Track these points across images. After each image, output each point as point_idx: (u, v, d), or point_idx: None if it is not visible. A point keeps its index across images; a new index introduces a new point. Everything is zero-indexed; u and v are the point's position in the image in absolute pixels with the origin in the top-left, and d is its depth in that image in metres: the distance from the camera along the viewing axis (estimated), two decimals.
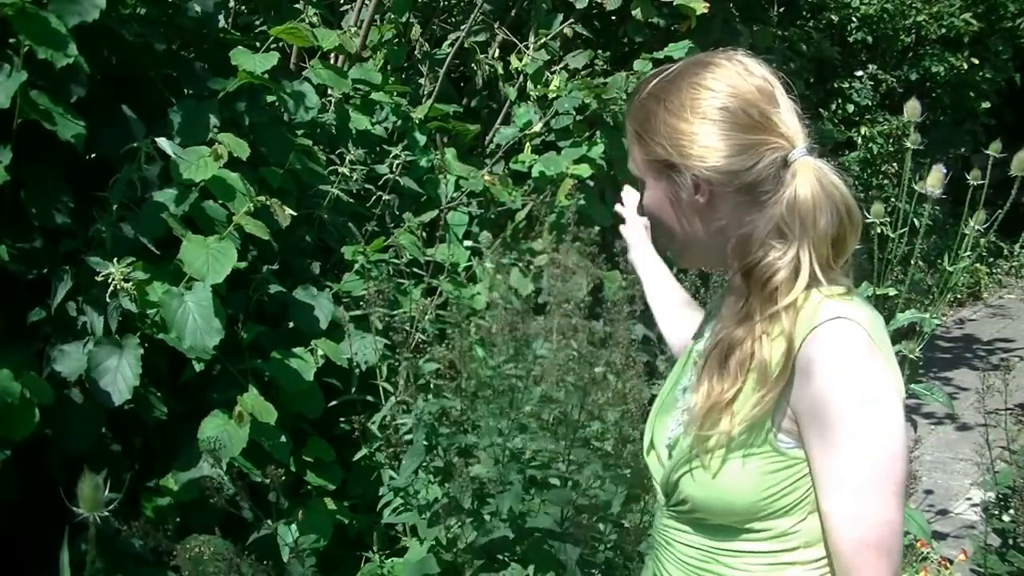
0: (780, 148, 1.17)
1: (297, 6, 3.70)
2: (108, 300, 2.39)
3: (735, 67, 1.19)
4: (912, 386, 2.75)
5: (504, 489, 2.06)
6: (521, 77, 4.38)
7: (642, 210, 1.31)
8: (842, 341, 1.12)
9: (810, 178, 1.15)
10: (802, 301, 1.15)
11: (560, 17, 4.50)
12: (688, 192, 1.20)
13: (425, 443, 2.24)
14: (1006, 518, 2.88)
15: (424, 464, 2.28)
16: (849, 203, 1.17)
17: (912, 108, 2.89)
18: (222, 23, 3.29)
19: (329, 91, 3.43)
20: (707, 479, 1.16)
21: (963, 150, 9.76)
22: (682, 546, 1.24)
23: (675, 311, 1.70)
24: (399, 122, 3.72)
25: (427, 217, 3.42)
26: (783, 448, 1.14)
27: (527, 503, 2.13)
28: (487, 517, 2.10)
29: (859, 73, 9.48)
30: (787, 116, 1.19)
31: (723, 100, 1.17)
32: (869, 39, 9.37)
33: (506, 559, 2.15)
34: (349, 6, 4.38)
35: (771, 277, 1.15)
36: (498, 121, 4.40)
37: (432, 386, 2.43)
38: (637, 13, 4.37)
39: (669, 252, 1.34)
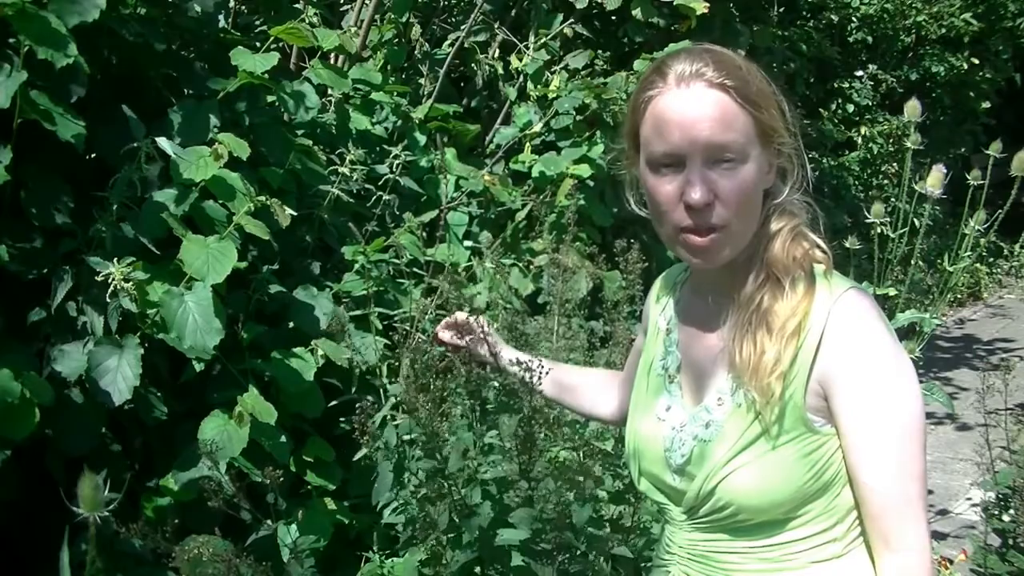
0: None
1: (297, 6, 3.70)
2: (108, 300, 2.39)
3: None
4: None
5: (473, 512, 2.04)
6: (521, 77, 4.38)
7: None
8: (863, 310, 1.16)
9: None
10: (809, 264, 1.20)
11: (560, 17, 4.50)
12: (774, 167, 1.20)
13: (391, 471, 2.23)
14: (1006, 518, 2.87)
15: (402, 485, 2.27)
16: None
17: (912, 108, 2.88)
18: (222, 23, 3.29)
19: (329, 91, 3.43)
20: (749, 477, 1.17)
21: (963, 150, 9.75)
22: (719, 555, 1.22)
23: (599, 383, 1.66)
24: (399, 122, 3.72)
25: (427, 217, 3.42)
26: (816, 427, 1.16)
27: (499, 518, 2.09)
28: (472, 531, 2.06)
29: (859, 73, 9.48)
30: None
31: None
32: (869, 39, 9.37)
33: (487, 573, 2.12)
34: (349, 6, 4.38)
35: (788, 244, 1.20)
36: (498, 121, 4.40)
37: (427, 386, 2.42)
38: (637, 13, 4.38)
39: (717, 248, 1.17)
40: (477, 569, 2.11)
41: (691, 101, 1.14)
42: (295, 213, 2.82)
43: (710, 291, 1.27)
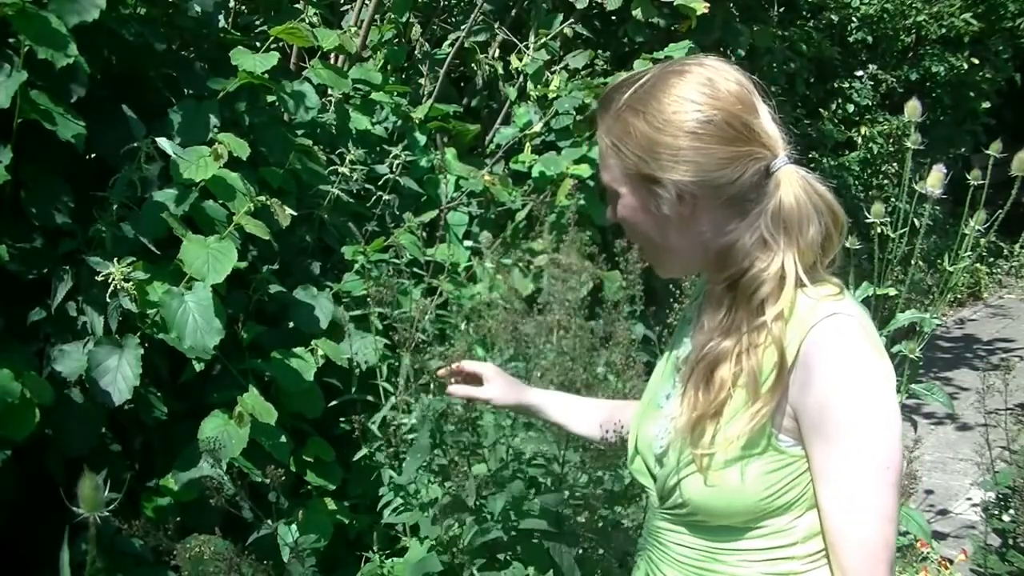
0: (763, 158, 1.17)
1: (297, 6, 3.70)
2: (108, 300, 2.39)
3: (713, 75, 1.18)
4: (912, 386, 2.75)
5: (498, 491, 2.06)
6: (521, 77, 4.38)
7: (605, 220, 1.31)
8: (840, 337, 1.12)
9: (794, 187, 1.16)
10: (790, 309, 1.15)
11: (560, 17, 4.50)
12: (671, 204, 1.18)
13: (430, 440, 2.23)
14: (1006, 518, 2.88)
15: (427, 463, 2.28)
16: (834, 208, 1.19)
17: (912, 108, 2.88)
18: (222, 23, 3.29)
19: (329, 91, 3.42)
20: (708, 483, 1.17)
21: (963, 150, 9.74)
22: (678, 547, 1.25)
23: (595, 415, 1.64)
24: (399, 122, 3.72)
25: (427, 217, 3.42)
26: (784, 447, 1.15)
27: (528, 503, 2.13)
28: (488, 516, 2.10)
29: (859, 73, 9.47)
30: (767, 124, 1.18)
31: (706, 112, 1.16)
32: (869, 39, 9.35)
33: (507, 558, 2.16)
34: (349, 6, 4.38)
35: (758, 288, 1.16)
36: (498, 121, 4.39)
37: (434, 385, 2.42)
38: (637, 13, 4.37)
39: (647, 260, 1.32)
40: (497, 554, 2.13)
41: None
42: (295, 213, 2.82)
43: (705, 299, 1.30)
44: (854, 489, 1.11)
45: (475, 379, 1.63)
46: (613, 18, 4.80)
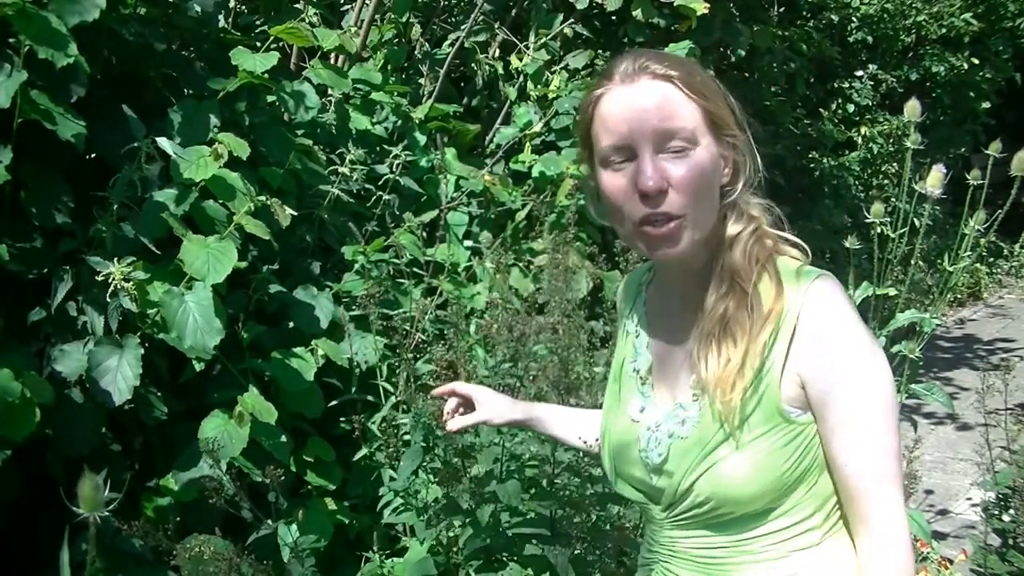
0: None
1: (297, 6, 3.70)
2: (108, 300, 2.40)
3: None
4: (912, 386, 2.75)
5: (493, 492, 2.07)
6: (521, 77, 4.38)
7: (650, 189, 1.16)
8: (833, 298, 1.18)
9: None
10: (774, 276, 1.20)
11: (560, 17, 4.50)
12: (729, 161, 1.21)
13: (423, 444, 2.24)
14: (1006, 518, 2.87)
15: (423, 465, 2.28)
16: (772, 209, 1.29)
17: (912, 108, 2.88)
18: (222, 23, 3.29)
19: (329, 91, 3.43)
20: (728, 470, 1.17)
21: (963, 150, 9.74)
22: (699, 551, 1.23)
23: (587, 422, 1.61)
24: (399, 122, 3.72)
25: (427, 217, 3.42)
26: (793, 417, 1.17)
27: (524, 504, 2.13)
28: (484, 517, 2.10)
29: (859, 73, 9.46)
30: None
31: None
32: (869, 39, 9.35)
33: (504, 559, 2.16)
34: (349, 6, 4.38)
35: (739, 259, 1.21)
36: (498, 121, 4.40)
37: (430, 387, 2.43)
38: (637, 13, 4.38)
39: (676, 235, 1.17)
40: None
41: (637, 93, 1.16)
42: (295, 213, 2.83)
43: (677, 291, 1.28)
44: (871, 435, 1.15)
45: (468, 402, 1.62)
46: (613, 18, 4.80)
